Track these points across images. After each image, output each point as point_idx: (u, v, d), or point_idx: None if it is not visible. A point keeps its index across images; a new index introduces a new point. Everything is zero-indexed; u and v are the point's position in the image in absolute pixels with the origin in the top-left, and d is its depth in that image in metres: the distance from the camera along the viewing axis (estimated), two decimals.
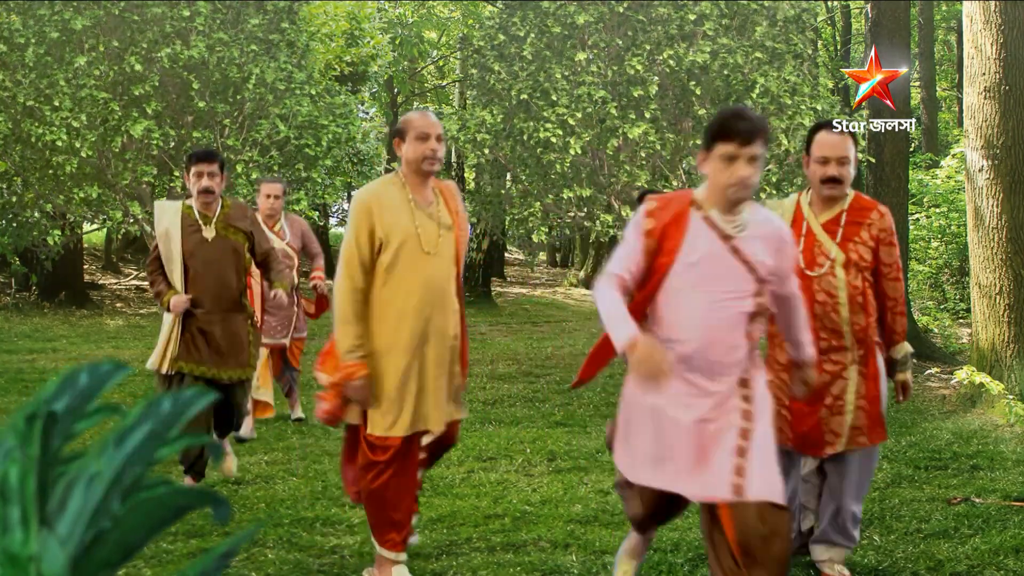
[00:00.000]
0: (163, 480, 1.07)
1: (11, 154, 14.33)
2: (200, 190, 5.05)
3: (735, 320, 3.07)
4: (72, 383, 1.06)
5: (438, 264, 3.78)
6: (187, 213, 5.10)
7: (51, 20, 13.69)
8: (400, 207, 3.74)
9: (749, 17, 12.16)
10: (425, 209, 3.78)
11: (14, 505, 0.95)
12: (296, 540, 4.42)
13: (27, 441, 0.97)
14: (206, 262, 5.04)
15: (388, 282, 3.72)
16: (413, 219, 3.73)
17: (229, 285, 5.11)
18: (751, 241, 3.08)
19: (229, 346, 5.09)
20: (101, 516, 0.98)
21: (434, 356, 3.79)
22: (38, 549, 0.94)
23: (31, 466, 0.96)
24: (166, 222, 5.05)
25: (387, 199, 3.74)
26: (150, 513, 1.02)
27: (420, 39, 24.73)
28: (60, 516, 0.99)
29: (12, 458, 0.95)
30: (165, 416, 1.05)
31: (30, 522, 0.94)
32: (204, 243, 5.06)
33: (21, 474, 0.95)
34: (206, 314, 5.04)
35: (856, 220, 3.90)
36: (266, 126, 14.63)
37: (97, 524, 0.98)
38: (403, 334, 3.73)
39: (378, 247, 3.70)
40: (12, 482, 0.95)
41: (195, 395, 1.09)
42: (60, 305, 16.48)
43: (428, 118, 3.78)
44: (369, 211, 3.69)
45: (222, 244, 5.10)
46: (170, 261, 5.03)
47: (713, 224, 3.08)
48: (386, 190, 3.78)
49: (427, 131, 3.72)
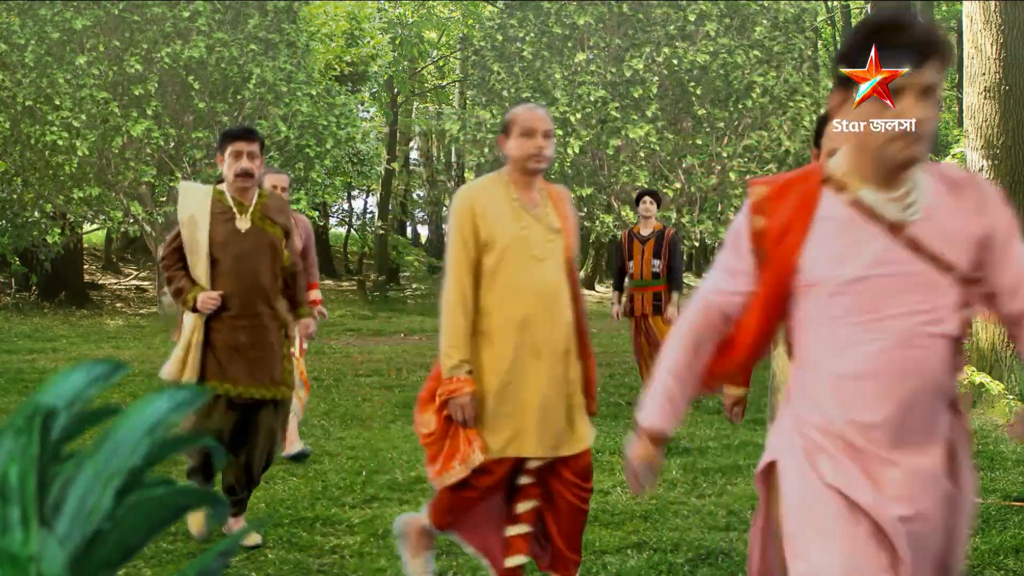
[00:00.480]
0: (163, 480, 1.07)
1: (11, 154, 14.33)
2: (238, 172, 4.30)
3: (933, 355, 1.95)
4: (69, 382, 1.06)
5: (547, 270, 3.45)
6: (219, 198, 4.36)
7: (52, 20, 13.68)
8: (504, 208, 3.44)
9: (749, 17, 12.16)
10: (531, 211, 3.47)
11: (14, 505, 0.95)
12: (296, 540, 4.42)
13: (27, 440, 0.97)
14: (238, 256, 4.29)
15: (493, 288, 3.41)
16: (518, 221, 3.43)
17: (262, 285, 4.34)
18: (935, 222, 1.96)
19: (259, 358, 4.32)
20: (98, 515, 0.98)
21: (542, 371, 3.42)
22: (38, 549, 0.94)
23: (31, 465, 0.96)
24: (192, 207, 4.32)
25: (490, 198, 3.45)
26: (150, 513, 1.02)
27: (420, 39, 24.73)
28: (58, 515, 0.99)
29: (12, 457, 0.95)
30: (162, 413, 1.05)
31: (30, 522, 0.94)
32: (237, 234, 4.31)
33: (21, 474, 0.95)
34: (234, 318, 4.28)
35: None
36: (266, 126, 14.61)
37: (94, 523, 0.98)
38: (507, 346, 3.39)
39: (483, 247, 3.40)
40: (12, 482, 0.95)
41: (193, 392, 1.09)
42: (60, 305, 16.48)
43: (535, 113, 3.46)
44: (471, 210, 3.40)
45: (257, 237, 4.35)
46: (195, 252, 4.28)
47: (868, 210, 1.97)
48: (489, 189, 3.49)
49: (533, 127, 3.41)
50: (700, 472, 5.76)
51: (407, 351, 12.15)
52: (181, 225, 4.32)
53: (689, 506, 5.01)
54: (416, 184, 31.53)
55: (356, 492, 5.30)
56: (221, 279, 4.28)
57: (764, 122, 11.99)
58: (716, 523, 4.70)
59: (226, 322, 4.27)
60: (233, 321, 4.28)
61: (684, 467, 5.86)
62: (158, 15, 14.18)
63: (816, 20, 16.22)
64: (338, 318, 16.53)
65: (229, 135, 4.37)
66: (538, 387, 3.40)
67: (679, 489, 5.38)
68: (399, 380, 9.90)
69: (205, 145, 14.81)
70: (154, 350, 11.87)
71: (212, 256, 4.27)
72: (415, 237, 34.45)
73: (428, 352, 11.98)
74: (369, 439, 6.86)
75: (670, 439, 2.40)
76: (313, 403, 8.21)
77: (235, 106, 14.88)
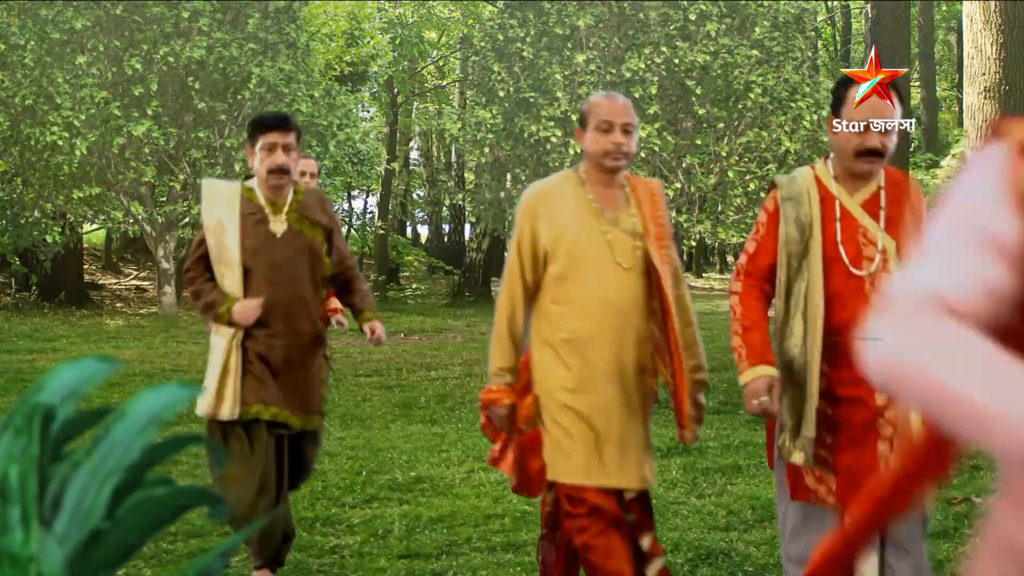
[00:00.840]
0: (162, 480, 1.07)
1: (11, 154, 14.34)
2: (272, 168, 3.66)
3: None
4: (63, 380, 1.06)
5: (624, 281, 3.10)
6: (248, 198, 3.73)
7: (53, 20, 13.69)
8: (574, 209, 3.11)
9: (749, 17, 12.16)
10: (608, 213, 3.13)
11: (14, 505, 0.95)
12: (296, 540, 4.43)
13: (27, 440, 0.97)
14: (274, 264, 3.69)
15: (560, 298, 3.11)
16: (591, 225, 3.10)
17: (303, 298, 3.75)
18: None
19: (299, 383, 3.75)
20: (96, 514, 0.98)
21: (613, 394, 3.09)
22: (38, 549, 0.94)
23: (31, 465, 0.96)
24: (219, 208, 3.70)
25: (558, 199, 3.13)
26: (150, 513, 1.02)
27: (420, 39, 24.73)
28: (57, 515, 0.99)
29: (11, 457, 0.95)
30: (157, 411, 1.05)
31: (30, 522, 0.94)
32: (271, 239, 3.70)
33: (21, 474, 0.95)
34: (270, 336, 3.68)
35: (897, 197, 3.02)
36: None
37: (93, 523, 0.98)
38: (573, 363, 3.09)
39: (544, 257, 3.11)
40: (12, 482, 0.95)
41: (183, 387, 1.08)
42: (60, 305, 16.48)
43: (614, 103, 3.13)
44: (533, 213, 3.12)
45: (295, 241, 3.74)
46: (223, 261, 3.67)
47: None
48: (558, 188, 3.17)
49: (610, 119, 3.09)
50: (700, 472, 5.76)
51: (407, 351, 12.15)
52: (206, 230, 3.71)
53: (689, 506, 5.01)
54: (416, 184, 31.53)
55: (356, 492, 5.30)
56: (255, 292, 3.67)
57: (764, 122, 12.00)
58: (716, 523, 4.70)
59: (261, 341, 3.68)
60: (270, 340, 3.68)
61: (684, 467, 5.86)
62: (158, 15, 14.20)
63: (816, 20, 16.24)
64: None
65: (261, 125, 3.71)
66: (607, 411, 3.07)
67: (679, 489, 5.39)
68: (399, 380, 9.90)
69: (205, 145, 14.83)
70: (154, 350, 11.87)
71: (243, 265, 3.67)
72: (415, 237, 34.47)
73: (428, 352, 11.98)
74: (369, 439, 6.86)
75: None
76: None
77: (235, 106, 14.89)
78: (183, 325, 14.65)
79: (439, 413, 8.17)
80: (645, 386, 3.17)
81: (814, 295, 2.89)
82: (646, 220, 3.16)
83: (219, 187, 3.88)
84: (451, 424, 7.66)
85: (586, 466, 3.05)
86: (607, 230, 3.10)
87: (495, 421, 3.15)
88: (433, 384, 9.61)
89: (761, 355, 2.92)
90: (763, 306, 3.00)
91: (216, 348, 3.71)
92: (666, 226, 3.22)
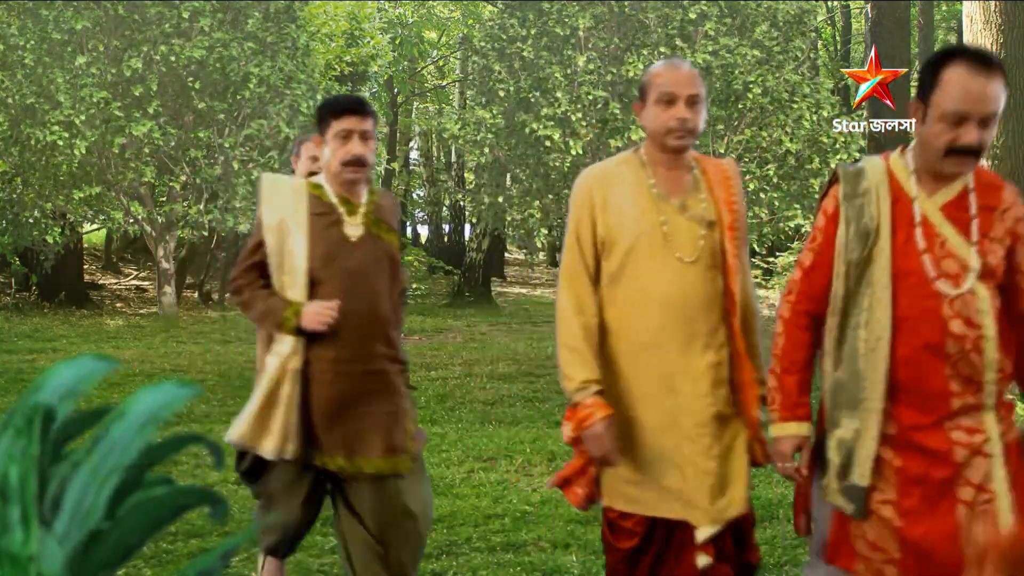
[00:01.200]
0: (162, 480, 1.07)
1: (11, 154, 14.35)
2: (349, 159, 3.08)
3: None
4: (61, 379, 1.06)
5: (691, 276, 2.66)
6: (317, 195, 3.14)
7: (54, 20, 13.71)
8: (632, 195, 2.70)
9: (749, 17, 12.17)
10: (673, 198, 2.71)
11: (14, 505, 0.95)
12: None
13: (27, 440, 0.97)
14: (348, 274, 3.07)
15: (614, 299, 2.70)
16: (652, 212, 2.68)
17: (381, 315, 3.13)
18: None
19: (379, 418, 3.10)
20: (96, 514, 0.98)
21: (679, 410, 2.66)
22: (37, 549, 0.94)
23: (31, 466, 0.96)
24: (282, 207, 3.11)
25: (616, 184, 2.72)
26: (149, 513, 1.02)
27: (420, 39, 24.74)
28: (56, 515, 0.99)
29: (12, 458, 0.95)
30: (156, 410, 1.04)
31: (30, 522, 0.94)
32: (346, 244, 3.10)
33: (21, 474, 0.95)
34: (341, 361, 3.04)
35: (988, 204, 2.40)
36: (266, 126, 14.64)
37: (92, 523, 0.98)
38: (632, 375, 2.69)
39: (602, 247, 2.71)
40: (12, 482, 0.95)
41: (182, 386, 1.08)
42: (60, 305, 16.48)
43: (677, 72, 2.70)
44: (589, 199, 2.71)
45: (373, 248, 3.15)
46: (285, 270, 3.07)
47: None
48: (617, 171, 2.76)
49: (672, 91, 2.66)
50: None
51: (407, 351, 12.13)
52: (265, 232, 3.08)
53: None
54: (416, 184, 31.54)
55: None
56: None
57: (764, 122, 12.01)
58: None
59: (327, 366, 3.03)
60: (340, 365, 3.04)
61: None
62: (158, 15, 14.21)
63: (816, 20, 16.25)
64: None
65: (334, 108, 3.13)
66: (672, 431, 2.64)
67: None
68: None
69: (205, 145, 14.84)
70: (154, 350, 11.87)
71: (311, 274, 3.05)
72: (415, 237, 34.47)
73: (428, 352, 11.99)
74: None
75: None
76: None
77: (235, 106, 14.90)
78: (183, 325, 14.65)
79: (439, 413, 8.18)
80: (720, 400, 2.67)
81: (878, 317, 2.35)
82: (719, 206, 2.71)
83: (281, 183, 3.26)
84: (451, 424, 7.67)
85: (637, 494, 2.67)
86: (666, 219, 2.67)
87: (594, 448, 2.64)
88: (433, 384, 9.62)
89: (793, 408, 2.49)
90: (811, 339, 2.51)
91: (270, 365, 3.02)
92: (741, 214, 2.76)
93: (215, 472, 5.59)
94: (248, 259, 3.14)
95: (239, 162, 14.71)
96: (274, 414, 2.97)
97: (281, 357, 3.01)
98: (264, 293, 3.08)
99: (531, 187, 12.81)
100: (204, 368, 10.21)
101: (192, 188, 15.32)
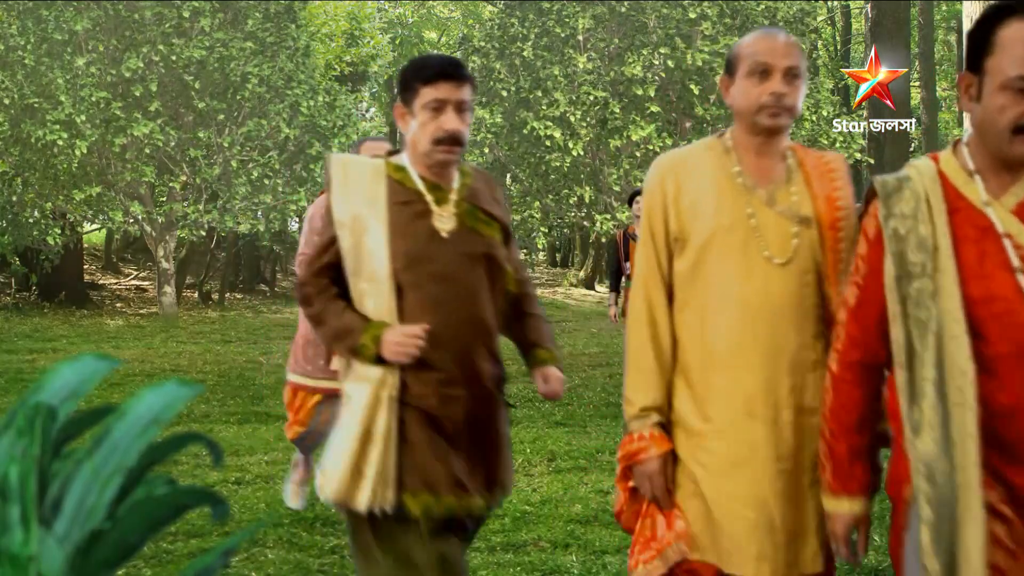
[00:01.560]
0: (163, 480, 1.07)
1: (11, 154, 14.37)
2: (441, 136, 2.45)
3: None
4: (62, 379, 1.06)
5: (782, 280, 2.21)
6: (400, 181, 2.52)
7: (54, 20, 13.74)
8: (713, 185, 2.28)
9: (749, 17, 12.18)
10: (761, 190, 2.27)
11: (14, 504, 0.95)
12: (296, 540, 4.42)
13: (28, 440, 0.97)
14: (442, 277, 2.48)
15: (686, 304, 2.29)
16: (736, 203, 2.26)
17: (485, 325, 2.57)
18: None
19: (485, 450, 2.63)
20: (97, 515, 0.98)
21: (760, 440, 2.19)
22: (37, 549, 0.94)
23: (31, 465, 0.96)
24: (357, 199, 2.49)
25: (693, 171, 2.32)
26: (150, 513, 1.02)
27: (420, 39, 24.76)
28: (57, 515, 0.99)
29: (12, 457, 0.96)
30: (158, 412, 1.05)
31: (30, 522, 0.94)
32: (436, 240, 2.50)
33: (21, 474, 0.95)
34: (443, 383, 2.47)
35: None
36: (266, 126, 14.65)
37: (93, 523, 0.98)
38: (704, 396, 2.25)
39: (674, 244, 2.32)
40: (12, 481, 0.95)
41: (183, 386, 1.08)
42: (60, 305, 16.49)
43: (774, 41, 2.27)
44: (661, 189, 2.32)
45: (470, 244, 2.53)
46: (364, 274, 2.47)
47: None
48: (695, 157, 2.36)
49: (768, 61, 2.23)
50: None
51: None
52: (337, 227, 2.48)
53: None
54: None
55: None
56: (413, 317, 2.44)
57: None
58: None
59: (429, 391, 2.45)
60: (443, 389, 2.46)
61: None
62: (158, 15, 14.22)
63: (816, 20, 16.26)
64: None
65: (424, 72, 2.47)
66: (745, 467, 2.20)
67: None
68: None
69: (205, 145, 14.85)
70: (154, 350, 11.87)
71: (395, 279, 2.45)
72: None
73: None
74: None
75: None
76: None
77: (235, 106, 14.92)
78: (183, 325, 14.66)
79: None
80: (806, 430, 2.20)
81: (955, 359, 1.83)
82: (817, 201, 2.26)
83: (354, 166, 2.56)
84: None
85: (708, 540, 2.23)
86: (754, 212, 2.25)
87: (643, 485, 2.27)
88: None
89: (845, 480, 2.06)
90: (865, 394, 2.04)
91: (354, 401, 2.44)
92: (848, 212, 2.26)
93: (215, 472, 5.60)
94: (319, 259, 2.53)
95: (238, 162, 14.71)
96: (370, 455, 2.40)
97: (373, 383, 2.42)
98: (338, 306, 2.49)
99: (531, 187, 12.82)
100: (204, 368, 10.22)
101: (192, 188, 15.33)
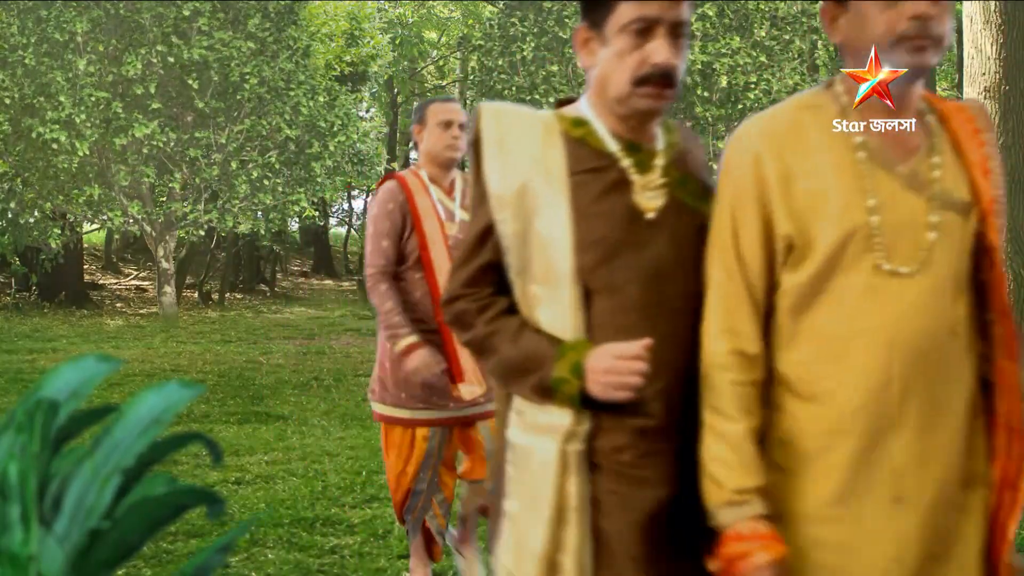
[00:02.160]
0: (163, 480, 1.07)
1: (12, 154, 14.36)
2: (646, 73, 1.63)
3: None
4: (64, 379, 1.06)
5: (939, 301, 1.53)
6: (582, 139, 1.70)
7: (54, 20, 13.74)
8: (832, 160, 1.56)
9: (749, 16, 12.19)
10: (899, 166, 1.57)
11: (14, 503, 0.95)
12: (296, 540, 4.42)
13: (27, 438, 0.97)
14: (652, 279, 1.65)
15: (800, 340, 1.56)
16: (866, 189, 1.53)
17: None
18: None
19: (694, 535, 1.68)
20: (97, 514, 0.98)
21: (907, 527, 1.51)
22: (37, 548, 0.94)
23: (31, 464, 0.96)
24: (525, 161, 1.67)
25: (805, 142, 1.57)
26: (149, 513, 1.02)
27: (420, 39, 24.75)
28: (57, 514, 0.99)
29: (12, 455, 0.96)
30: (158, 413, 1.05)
31: (30, 521, 0.94)
32: (640, 224, 1.66)
33: (21, 472, 0.95)
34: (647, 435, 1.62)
35: None
36: (266, 126, 14.66)
37: (93, 522, 0.98)
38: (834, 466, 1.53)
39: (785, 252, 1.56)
40: (12, 480, 0.95)
41: (184, 387, 1.08)
42: (60, 305, 16.49)
43: None
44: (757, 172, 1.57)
45: (683, 228, 1.68)
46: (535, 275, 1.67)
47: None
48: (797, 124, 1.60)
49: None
50: None
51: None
52: (493, 208, 1.68)
53: None
54: None
55: (356, 492, 5.30)
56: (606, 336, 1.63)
57: None
58: None
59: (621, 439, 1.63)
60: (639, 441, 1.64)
61: None
62: (158, 15, 14.23)
63: (816, 20, 16.27)
64: (338, 318, 16.54)
65: None
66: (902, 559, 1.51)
67: None
68: None
69: (205, 145, 14.85)
70: (154, 350, 11.87)
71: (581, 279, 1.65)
72: None
73: None
74: (369, 439, 6.86)
75: None
76: (313, 403, 8.22)
77: (234, 106, 14.92)
78: (183, 325, 14.65)
79: None
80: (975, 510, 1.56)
81: None
82: (974, 175, 1.57)
83: (515, 117, 1.73)
84: None
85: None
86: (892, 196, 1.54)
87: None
88: None
89: None
90: None
91: (533, 461, 1.65)
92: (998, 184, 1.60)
93: (215, 472, 5.60)
94: (471, 259, 1.73)
95: (238, 162, 14.71)
96: (566, 538, 1.60)
97: (559, 435, 1.62)
98: (511, 325, 1.67)
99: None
100: (204, 368, 10.22)
101: (191, 188, 15.32)
